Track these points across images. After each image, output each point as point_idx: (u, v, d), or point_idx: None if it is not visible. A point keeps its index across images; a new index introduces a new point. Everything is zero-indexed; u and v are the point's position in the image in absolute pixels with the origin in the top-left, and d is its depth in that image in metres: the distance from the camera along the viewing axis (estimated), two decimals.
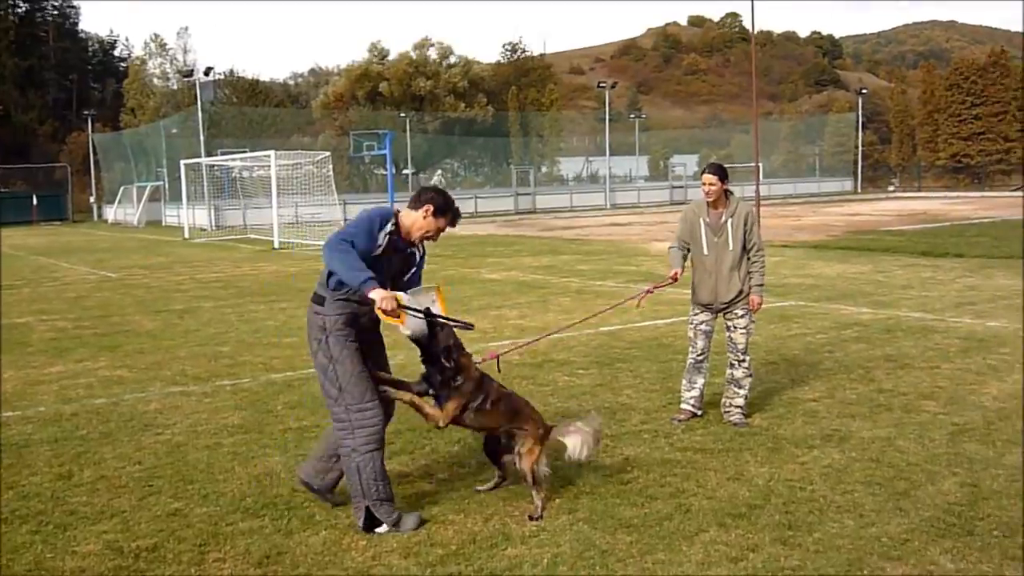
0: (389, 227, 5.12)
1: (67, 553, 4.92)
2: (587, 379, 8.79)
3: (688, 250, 7.32)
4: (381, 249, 5.08)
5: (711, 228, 7.18)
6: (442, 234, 5.34)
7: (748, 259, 7.18)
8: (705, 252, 7.21)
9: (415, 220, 5.24)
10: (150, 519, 5.38)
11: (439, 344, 5.20)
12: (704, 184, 7.15)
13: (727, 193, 7.19)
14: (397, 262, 5.25)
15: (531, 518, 5.25)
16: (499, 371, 5.86)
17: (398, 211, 5.28)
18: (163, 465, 6.41)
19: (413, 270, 5.37)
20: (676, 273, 7.20)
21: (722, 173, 7.15)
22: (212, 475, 6.17)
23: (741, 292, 7.18)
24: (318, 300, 5.17)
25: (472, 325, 5.38)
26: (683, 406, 7.37)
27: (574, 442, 5.49)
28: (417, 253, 5.39)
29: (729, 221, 7.12)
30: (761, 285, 7.24)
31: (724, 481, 5.82)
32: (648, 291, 7.57)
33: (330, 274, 5.10)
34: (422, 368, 5.35)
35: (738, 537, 4.93)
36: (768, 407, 7.58)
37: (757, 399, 7.68)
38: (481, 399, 5.33)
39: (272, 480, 6.03)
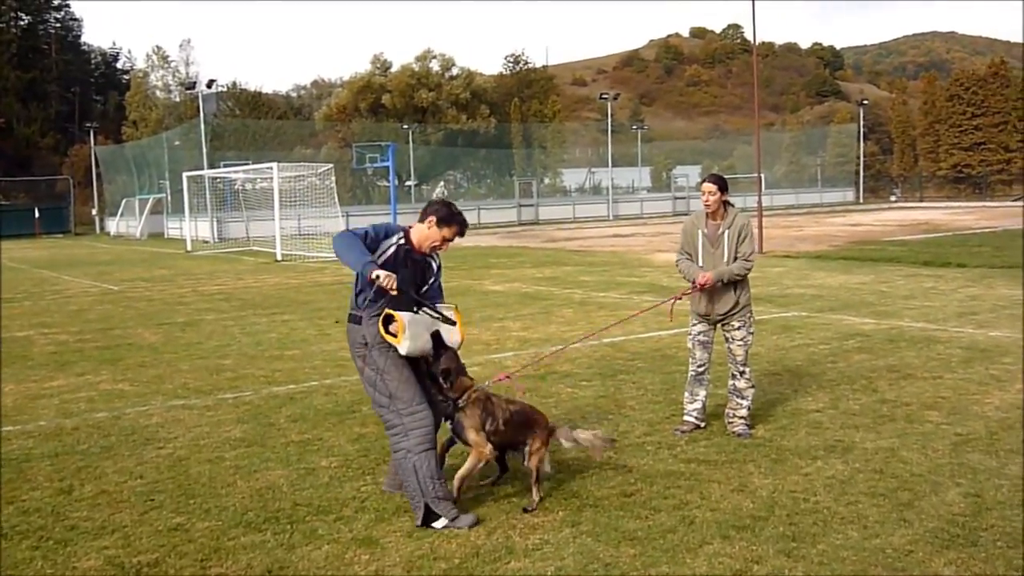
0: (395, 239, 5.49)
1: (68, 569, 4.90)
2: (590, 391, 8.78)
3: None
4: (388, 256, 5.41)
5: (708, 239, 7.19)
6: (451, 244, 5.66)
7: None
8: (701, 263, 7.21)
9: (422, 232, 5.62)
10: (151, 534, 5.36)
11: (440, 365, 5.46)
12: (704, 193, 7.15)
13: (726, 204, 7.19)
14: (414, 272, 5.57)
15: (525, 510, 5.51)
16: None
17: (409, 227, 5.64)
18: (164, 479, 6.40)
19: (432, 280, 5.73)
20: (705, 278, 7.02)
21: (722, 183, 7.16)
22: (214, 489, 6.16)
23: (737, 304, 7.16)
24: (355, 320, 5.51)
25: (454, 322, 5.61)
26: (686, 418, 7.35)
27: (581, 436, 5.89)
28: (433, 263, 5.74)
29: (726, 233, 7.12)
30: (725, 272, 7.03)
31: (728, 493, 5.80)
32: (677, 298, 7.50)
33: (358, 294, 5.46)
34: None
35: (742, 549, 4.91)
36: (771, 418, 7.57)
37: (760, 410, 7.66)
38: (491, 422, 5.56)
39: (274, 494, 6.02)
